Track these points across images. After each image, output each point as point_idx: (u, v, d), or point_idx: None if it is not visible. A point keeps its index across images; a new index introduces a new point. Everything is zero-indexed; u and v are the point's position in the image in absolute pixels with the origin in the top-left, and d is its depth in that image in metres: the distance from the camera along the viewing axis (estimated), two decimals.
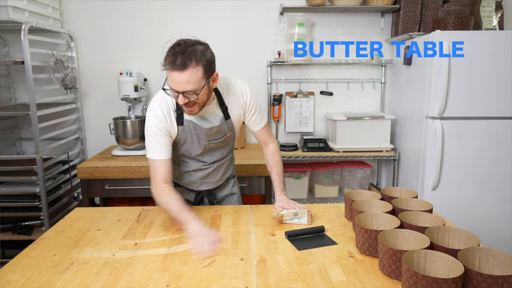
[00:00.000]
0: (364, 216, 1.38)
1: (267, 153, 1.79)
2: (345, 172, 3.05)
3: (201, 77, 1.37)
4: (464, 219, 2.53)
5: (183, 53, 1.33)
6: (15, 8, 2.34)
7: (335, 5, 2.82)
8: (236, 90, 1.63)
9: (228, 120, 1.62)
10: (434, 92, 2.42)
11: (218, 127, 1.59)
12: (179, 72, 1.33)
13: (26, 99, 2.91)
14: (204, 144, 1.61)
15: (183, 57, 1.32)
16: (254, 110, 1.68)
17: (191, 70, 1.34)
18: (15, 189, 2.52)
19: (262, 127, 1.75)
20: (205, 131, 1.57)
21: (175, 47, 1.35)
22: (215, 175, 1.74)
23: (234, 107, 1.63)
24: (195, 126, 1.56)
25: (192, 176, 1.71)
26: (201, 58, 1.35)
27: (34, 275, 1.17)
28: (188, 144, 1.60)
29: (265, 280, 1.13)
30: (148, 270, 1.20)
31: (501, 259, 1.06)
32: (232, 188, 1.88)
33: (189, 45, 1.36)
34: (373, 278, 1.14)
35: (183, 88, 1.36)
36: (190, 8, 2.96)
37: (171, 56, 1.34)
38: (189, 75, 1.34)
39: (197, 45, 1.38)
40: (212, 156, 1.68)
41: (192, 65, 1.33)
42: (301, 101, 3.07)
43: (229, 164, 1.79)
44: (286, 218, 1.54)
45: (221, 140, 1.65)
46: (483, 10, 2.69)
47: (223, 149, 1.71)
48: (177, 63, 1.32)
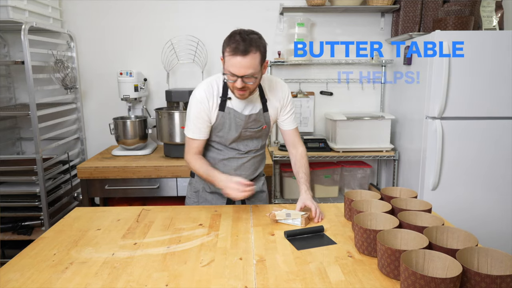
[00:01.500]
0: (363, 216, 1.38)
1: (297, 155, 1.84)
2: (345, 172, 3.05)
3: (259, 63, 1.50)
4: (464, 219, 2.53)
5: (244, 40, 1.44)
6: (15, 8, 2.35)
7: (335, 5, 2.82)
8: (276, 87, 1.73)
9: (266, 113, 1.72)
10: (434, 92, 2.42)
11: (256, 115, 1.68)
12: (242, 57, 1.45)
13: (26, 99, 2.91)
14: (241, 131, 1.69)
15: (245, 43, 1.44)
16: (289, 108, 1.77)
17: (252, 55, 1.46)
18: (15, 189, 2.52)
19: (293, 128, 1.82)
20: (244, 117, 1.67)
21: (235, 35, 1.47)
22: (248, 167, 1.80)
23: (273, 102, 1.73)
24: (236, 113, 1.66)
25: (227, 165, 1.77)
26: (259, 45, 1.48)
27: (33, 275, 1.17)
28: (226, 130, 1.69)
29: (264, 280, 1.14)
30: (147, 269, 1.20)
31: (500, 259, 1.06)
32: (263, 186, 1.93)
33: (247, 34, 1.47)
34: (371, 277, 1.14)
35: (243, 72, 1.47)
36: (190, 8, 2.97)
37: (234, 43, 1.45)
38: (250, 60, 1.46)
39: (252, 34, 1.49)
40: (247, 145, 1.76)
41: (253, 50, 1.45)
42: (301, 101, 3.07)
43: (261, 159, 1.87)
44: (280, 218, 1.54)
45: (257, 130, 1.73)
46: (483, 10, 2.69)
47: (257, 141, 1.78)
48: (240, 49, 1.44)
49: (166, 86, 2.99)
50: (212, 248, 1.34)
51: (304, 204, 1.63)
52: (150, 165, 2.45)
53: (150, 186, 2.48)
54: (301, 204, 1.63)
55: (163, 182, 2.49)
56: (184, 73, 3.04)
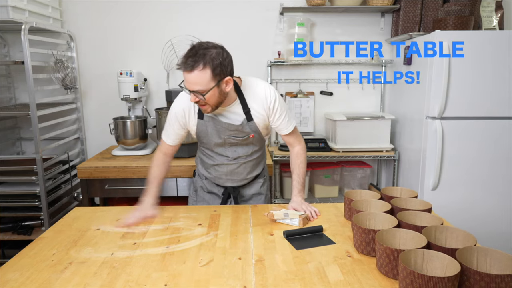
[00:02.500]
0: (362, 216, 1.38)
1: (292, 154, 1.80)
2: (345, 172, 3.05)
3: (209, 80, 1.44)
4: (464, 219, 2.53)
5: (194, 55, 1.42)
6: (15, 8, 2.35)
7: (335, 5, 2.82)
8: (260, 93, 1.64)
9: (251, 122, 1.64)
10: (434, 92, 2.42)
11: (237, 126, 1.64)
12: (187, 72, 1.44)
13: (26, 99, 2.91)
14: (225, 137, 1.67)
15: (193, 59, 1.41)
16: (279, 114, 1.67)
17: (198, 71, 1.42)
18: (15, 189, 2.52)
19: (289, 132, 1.73)
20: (224, 125, 1.63)
21: (190, 49, 1.45)
22: (240, 172, 1.78)
23: (258, 110, 1.64)
24: (215, 120, 1.64)
25: (218, 170, 1.77)
26: (209, 62, 1.42)
27: (33, 274, 1.17)
28: (209, 137, 1.68)
29: (263, 280, 1.14)
30: (146, 269, 1.20)
31: (499, 258, 1.06)
32: (261, 188, 1.89)
33: (202, 48, 1.43)
34: (370, 277, 1.14)
35: (191, 88, 1.47)
36: (190, 8, 2.97)
37: (184, 57, 1.45)
38: (196, 77, 1.43)
39: (211, 49, 1.44)
40: (235, 152, 1.72)
41: (199, 67, 1.41)
42: (301, 101, 3.07)
43: (256, 163, 1.82)
44: (277, 217, 1.54)
45: (244, 139, 1.69)
46: (483, 10, 2.69)
47: (247, 148, 1.73)
48: (186, 64, 1.43)
49: (166, 86, 3.00)
50: (211, 248, 1.34)
51: (292, 208, 1.64)
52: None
53: None
54: (290, 209, 1.64)
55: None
56: None
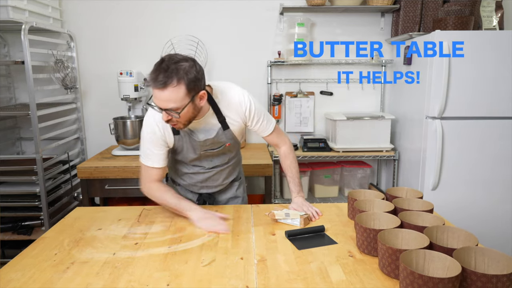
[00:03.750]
0: (366, 216, 1.38)
1: (280, 155, 1.76)
2: (345, 172, 3.06)
3: (183, 96, 1.33)
4: (464, 218, 2.53)
5: (165, 70, 1.30)
6: (15, 8, 2.35)
7: (335, 5, 2.82)
8: (233, 100, 1.56)
9: (227, 131, 1.57)
10: (434, 92, 2.43)
11: (213, 138, 1.56)
12: (160, 90, 1.31)
13: (26, 99, 2.91)
14: (200, 153, 1.60)
15: (165, 75, 1.29)
16: (256, 118, 1.61)
17: (172, 88, 1.30)
18: (15, 189, 2.52)
19: (270, 133, 1.68)
20: (199, 143, 1.56)
21: (159, 64, 1.32)
22: (215, 179, 1.73)
23: (233, 117, 1.57)
24: (189, 137, 1.55)
25: (192, 178, 1.72)
26: (183, 77, 1.31)
27: (35, 274, 1.17)
28: (184, 152, 1.60)
29: (265, 280, 1.14)
30: (148, 269, 1.20)
31: (497, 258, 1.06)
32: (237, 191, 1.85)
33: (172, 62, 1.31)
34: (373, 277, 1.14)
35: (164, 106, 1.34)
36: (190, 8, 2.97)
37: (153, 73, 1.31)
38: (170, 94, 1.31)
39: (182, 62, 1.33)
40: (211, 162, 1.67)
41: (172, 83, 1.30)
42: (301, 101, 3.07)
43: (232, 169, 1.76)
44: (279, 217, 1.54)
45: (220, 149, 1.62)
46: (483, 10, 2.69)
47: (224, 156, 1.68)
48: (158, 80, 1.29)
49: None
50: (213, 247, 1.34)
51: (293, 209, 1.61)
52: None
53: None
54: (292, 209, 1.63)
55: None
56: None
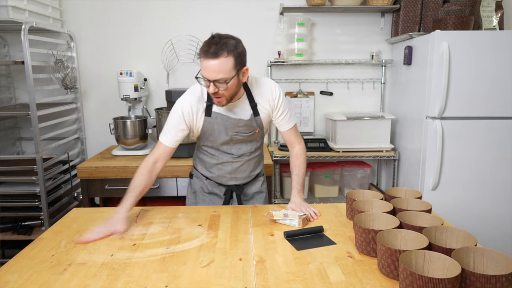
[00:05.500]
0: (364, 216, 1.37)
1: (292, 154, 1.81)
2: (345, 172, 3.05)
3: (232, 68, 1.45)
4: (464, 219, 2.53)
5: (217, 43, 1.42)
6: (15, 8, 2.34)
7: (335, 5, 2.82)
8: (265, 88, 1.68)
9: (257, 117, 1.67)
10: (434, 92, 2.42)
11: (246, 121, 1.65)
12: (212, 59, 1.42)
13: (26, 99, 2.91)
14: (232, 134, 1.67)
15: (217, 46, 1.41)
16: (282, 110, 1.71)
17: (223, 59, 1.42)
18: (15, 189, 2.52)
19: (289, 128, 1.77)
20: (233, 121, 1.64)
21: (210, 39, 1.45)
22: (243, 170, 1.78)
23: (264, 104, 1.68)
24: (223, 117, 1.63)
25: (221, 169, 1.76)
26: (232, 50, 1.44)
27: (32, 276, 1.17)
28: (216, 134, 1.67)
29: (264, 280, 1.13)
30: (146, 270, 1.20)
31: (496, 259, 1.06)
32: (261, 186, 1.91)
33: (223, 38, 1.45)
34: (372, 278, 1.14)
35: (214, 77, 1.44)
36: (190, 8, 2.96)
37: (205, 46, 1.43)
38: (220, 64, 1.42)
39: (230, 38, 1.46)
40: (240, 149, 1.73)
41: (224, 54, 1.42)
42: (301, 101, 3.07)
43: (258, 161, 1.84)
44: (277, 218, 1.54)
45: (250, 135, 1.70)
46: (483, 10, 2.69)
47: (251, 144, 1.75)
48: (210, 51, 1.41)
49: (166, 86, 2.99)
50: (211, 248, 1.34)
51: (292, 208, 1.63)
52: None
53: None
54: (290, 208, 1.65)
55: (163, 182, 2.49)
56: (184, 73, 3.04)
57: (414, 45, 2.65)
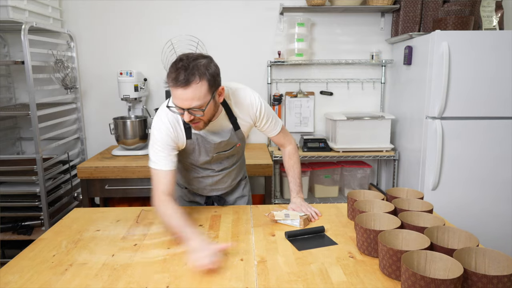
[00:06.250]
0: (365, 216, 1.37)
1: (284, 155, 1.77)
2: (345, 172, 3.05)
3: (206, 92, 1.32)
4: (464, 219, 2.53)
5: (186, 68, 1.27)
6: (15, 8, 2.34)
7: (335, 5, 2.82)
8: (244, 101, 1.56)
9: (238, 131, 1.58)
10: (434, 92, 2.42)
11: (227, 140, 1.56)
12: (183, 88, 1.28)
13: (26, 99, 2.91)
14: (213, 155, 1.59)
15: (186, 72, 1.27)
16: (266, 119, 1.62)
17: (195, 85, 1.28)
18: (15, 189, 2.52)
19: (277, 133, 1.70)
20: (213, 145, 1.55)
21: (177, 63, 1.30)
22: (224, 181, 1.73)
23: (244, 117, 1.58)
24: (204, 140, 1.53)
25: (202, 182, 1.70)
26: (204, 73, 1.30)
27: (33, 276, 1.17)
28: (196, 155, 1.58)
29: (265, 281, 1.13)
30: (147, 271, 1.20)
31: (497, 259, 1.06)
32: (244, 189, 1.86)
33: (191, 60, 1.30)
34: (373, 278, 1.14)
35: (188, 105, 1.31)
36: (190, 9, 2.96)
37: (173, 72, 1.28)
38: (193, 91, 1.29)
39: (200, 59, 1.32)
40: (221, 164, 1.67)
41: (195, 80, 1.28)
42: (301, 101, 3.07)
43: (239, 169, 1.78)
44: (278, 218, 1.54)
45: (231, 151, 1.63)
46: (483, 10, 2.69)
47: (232, 158, 1.69)
48: (180, 79, 1.27)
49: (166, 86, 2.99)
50: None
51: (292, 210, 1.62)
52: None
53: (150, 186, 2.43)
54: (290, 209, 1.63)
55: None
56: None
57: (414, 45, 2.66)
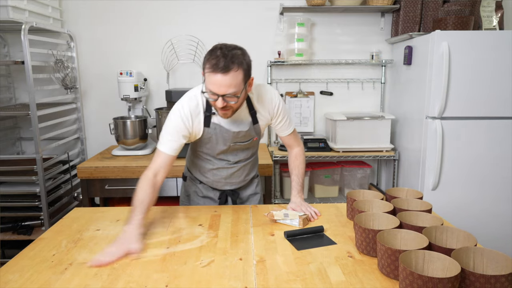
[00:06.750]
0: (365, 216, 1.38)
1: (291, 155, 1.81)
2: (345, 172, 3.05)
3: (241, 81, 1.38)
4: (464, 219, 2.53)
5: (226, 56, 1.34)
6: (15, 8, 2.34)
7: (335, 5, 2.82)
8: (265, 96, 1.63)
9: (256, 125, 1.63)
10: (434, 92, 2.42)
11: (246, 131, 1.61)
12: (222, 74, 1.34)
13: (26, 99, 2.91)
14: (230, 144, 1.63)
15: (226, 60, 1.33)
16: (281, 117, 1.68)
17: (233, 73, 1.35)
18: (15, 189, 2.52)
19: (289, 134, 1.75)
20: (232, 134, 1.59)
21: (215, 51, 1.36)
22: (239, 175, 1.76)
23: (263, 112, 1.63)
24: (222, 129, 1.58)
25: (216, 175, 1.74)
26: (242, 62, 1.37)
27: (33, 276, 1.17)
28: (213, 143, 1.62)
29: (264, 280, 1.13)
30: (147, 270, 1.20)
31: (496, 259, 1.06)
32: (256, 187, 1.90)
33: (230, 49, 1.37)
34: (372, 278, 1.14)
35: (224, 91, 1.37)
36: (190, 8, 2.96)
37: (214, 59, 1.34)
38: (231, 78, 1.35)
39: (236, 49, 1.39)
40: (236, 156, 1.70)
41: (234, 68, 1.35)
42: (301, 101, 3.07)
43: (253, 165, 1.81)
44: (278, 218, 1.54)
45: (247, 143, 1.67)
46: (483, 10, 2.69)
47: (248, 151, 1.73)
48: (220, 66, 1.33)
49: (166, 86, 2.99)
50: (212, 248, 1.34)
51: (292, 208, 1.64)
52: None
53: None
54: (290, 208, 1.65)
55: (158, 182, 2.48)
56: (184, 73, 3.04)
57: (414, 45, 2.66)
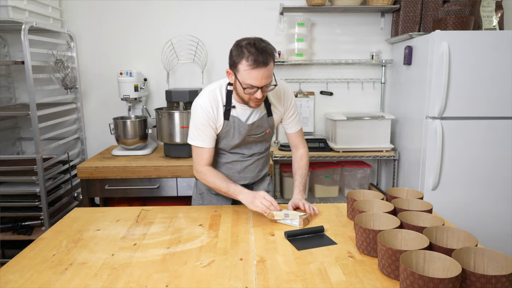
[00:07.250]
0: (365, 216, 1.37)
1: (296, 156, 1.85)
2: (345, 172, 3.05)
3: (272, 71, 1.50)
4: (464, 219, 2.53)
5: (263, 50, 1.43)
6: (15, 8, 2.34)
7: (335, 5, 2.82)
8: (279, 90, 1.71)
9: (270, 118, 1.70)
10: (434, 92, 2.42)
11: (259, 121, 1.67)
12: (263, 68, 1.44)
13: (26, 99, 2.91)
14: (244, 137, 1.69)
15: (263, 54, 1.43)
16: (292, 111, 1.77)
17: (270, 65, 1.46)
18: (15, 189, 2.52)
19: (296, 131, 1.82)
20: (247, 126, 1.65)
21: (249, 47, 1.43)
22: (252, 169, 1.79)
23: (278, 106, 1.72)
24: (239, 122, 1.65)
25: (230, 169, 1.77)
26: (272, 54, 1.48)
27: (33, 276, 1.17)
28: (229, 138, 1.68)
29: (265, 280, 1.13)
30: (147, 270, 1.20)
31: (496, 259, 1.06)
32: (268, 186, 1.93)
33: (261, 42, 1.46)
34: (372, 278, 1.14)
35: (264, 83, 1.47)
36: (190, 8, 2.96)
37: (253, 54, 1.42)
38: (269, 70, 1.46)
39: (262, 41, 1.48)
40: (250, 149, 1.75)
41: (270, 61, 1.45)
42: (301, 101, 3.07)
43: (266, 161, 1.87)
44: (278, 218, 1.54)
45: (261, 135, 1.73)
46: (483, 10, 2.69)
47: (261, 144, 1.78)
48: (260, 61, 1.42)
49: (166, 86, 2.99)
50: (212, 248, 1.34)
51: (293, 203, 1.65)
52: (150, 165, 2.45)
53: (150, 186, 2.48)
54: (291, 204, 1.66)
55: (163, 182, 2.49)
56: (184, 73, 3.04)
57: (414, 45, 2.66)
